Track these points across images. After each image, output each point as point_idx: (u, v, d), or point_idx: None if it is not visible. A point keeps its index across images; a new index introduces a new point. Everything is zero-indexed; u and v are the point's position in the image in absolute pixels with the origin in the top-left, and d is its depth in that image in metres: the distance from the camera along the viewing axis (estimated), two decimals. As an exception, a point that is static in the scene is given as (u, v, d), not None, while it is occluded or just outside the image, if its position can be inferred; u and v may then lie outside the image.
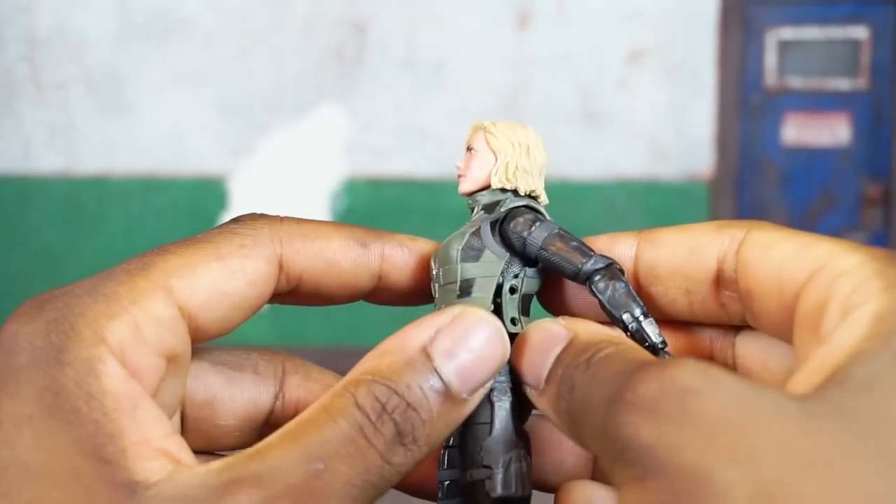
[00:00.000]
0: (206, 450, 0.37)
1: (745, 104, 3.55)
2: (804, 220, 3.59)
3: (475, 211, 0.41)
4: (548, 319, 0.34)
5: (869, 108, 3.53)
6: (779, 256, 0.32)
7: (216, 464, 0.29)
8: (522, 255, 0.39)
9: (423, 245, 0.39)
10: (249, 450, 0.29)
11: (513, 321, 0.38)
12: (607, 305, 0.36)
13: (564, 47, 3.51)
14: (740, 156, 3.55)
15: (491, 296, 0.38)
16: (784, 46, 3.55)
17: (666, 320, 0.38)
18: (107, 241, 3.63)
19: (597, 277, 0.37)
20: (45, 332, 0.29)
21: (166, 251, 0.33)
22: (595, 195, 3.51)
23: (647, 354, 0.30)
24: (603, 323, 0.35)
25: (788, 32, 3.54)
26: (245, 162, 3.62)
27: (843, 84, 3.53)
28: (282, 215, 0.37)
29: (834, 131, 3.55)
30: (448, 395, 0.31)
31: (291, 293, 0.37)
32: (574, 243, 0.38)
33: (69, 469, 0.27)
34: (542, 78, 3.52)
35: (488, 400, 0.36)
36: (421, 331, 0.32)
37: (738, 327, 0.37)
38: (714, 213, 3.52)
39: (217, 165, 3.61)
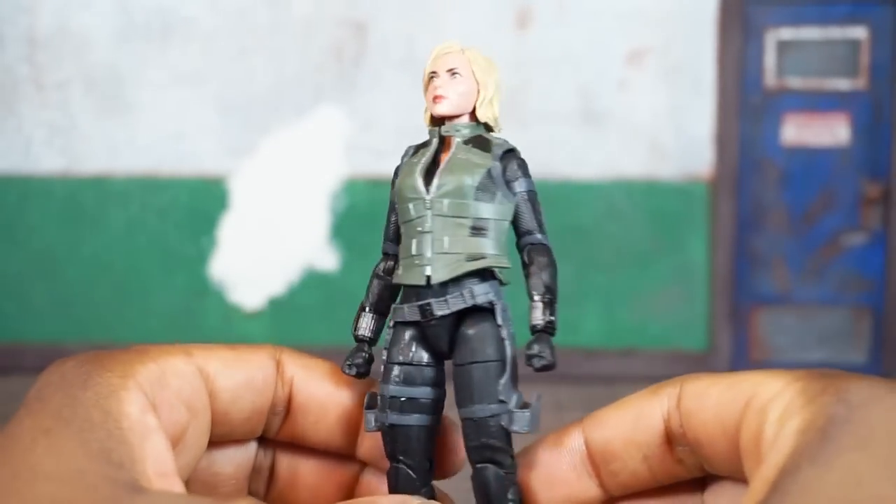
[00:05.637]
0: None
1: (745, 104, 3.55)
2: (804, 220, 3.59)
3: (455, 142, 0.41)
4: None
5: (868, 108, 3.53)
6: (714, 398, 0.36)
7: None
8: None
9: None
10: None
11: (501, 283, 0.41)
12: (536, 275, 0.40)
13: (564, 47, 3.52)
14: (740, 156, 3.55)
15: (502, 239, 0.40)
16: (783, 47, 3.55)
17: (636, 496, 0.40)
18: (107, 241, 3.63)
19: (539, 249, 0.40)
20: (79, 364, 0.34)
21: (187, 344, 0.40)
22: (595, 195, 3.52)
23: None
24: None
25: (788, 33, 3.55)
26: (245, 162, 3.62)
27: (842, 84, 3.54)
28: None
29: (833, 131, 3.55)
30: None
31: (289, 414, 0.42)
32: (541, 209, 0.41)
33: (75, 470, 0.29)
34: (542, 78, 3.52)
35: (499, 337, 0.38)
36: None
37: (703, 487, 0.40)
38: (714, 212, 3.53)
39: (217, 165, 3.61)
